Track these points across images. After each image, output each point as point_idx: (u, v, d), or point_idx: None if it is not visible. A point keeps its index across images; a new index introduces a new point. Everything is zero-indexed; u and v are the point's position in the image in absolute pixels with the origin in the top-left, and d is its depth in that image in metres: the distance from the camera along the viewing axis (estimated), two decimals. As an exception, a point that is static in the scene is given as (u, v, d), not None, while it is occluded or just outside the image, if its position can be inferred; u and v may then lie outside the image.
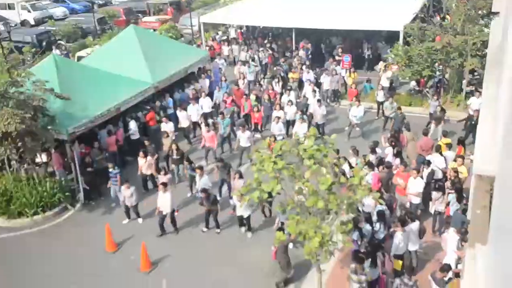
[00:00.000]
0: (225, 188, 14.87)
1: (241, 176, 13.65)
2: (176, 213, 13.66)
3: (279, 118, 17.32)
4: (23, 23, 38.95)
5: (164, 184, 13.43)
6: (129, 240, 13.68)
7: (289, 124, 18.26)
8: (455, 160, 13.56)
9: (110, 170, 14.78)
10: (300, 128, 16.12)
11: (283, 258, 11.12)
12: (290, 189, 8.59)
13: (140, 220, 14.41)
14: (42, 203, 14.78)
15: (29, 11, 39.22)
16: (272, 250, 11.61)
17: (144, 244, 12.58)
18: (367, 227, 11.41)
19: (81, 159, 15.32)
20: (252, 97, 19.71)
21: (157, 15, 37.67)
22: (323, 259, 8.53)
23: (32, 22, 38.64)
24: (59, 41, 31.63)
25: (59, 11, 41.39)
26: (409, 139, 15.38)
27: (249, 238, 13.33)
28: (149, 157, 15.35)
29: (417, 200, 12.84)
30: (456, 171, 12.92)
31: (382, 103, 19.23)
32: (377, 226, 11.46)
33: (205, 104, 19.28)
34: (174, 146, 15.90)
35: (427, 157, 13.92)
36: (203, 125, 17.34)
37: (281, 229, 10.93)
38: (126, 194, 13.90)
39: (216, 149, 16.90)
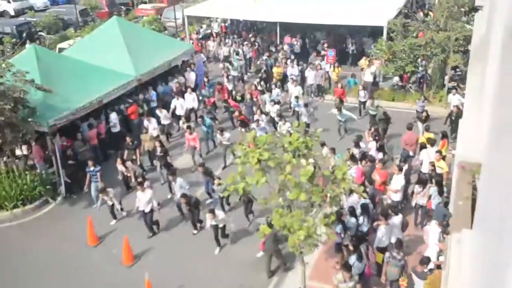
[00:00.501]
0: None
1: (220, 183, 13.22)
2: (157, 209, 13.23)
3: (258, 121, 16.64)
4: (3, 13, 38.21)
5: (141, 184, 13.15)
6: (111, 233, 13.55)
7: (274, 121, 17.83)
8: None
9: (91, 168, 14.34)
10: (283, 127, 15.92)
11: (273, 248, 11.11)
12: (275, 181, 8.59)
13: (124, 213, 14.15)
14: (22, 196, 14.56)
15: (8, 2, 38.48)
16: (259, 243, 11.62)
17: (126, 237, 12.48)
18: (352, 220, 11.47)
19: (63, 151, 15.09)
20: (238, 97, 19.72)
21: (154, 2, 37.65)
22: (307, 252, 8.56)
23: (12, 13, 37.91)
24: (39, 33, 31.12)
25: (39, 2, 40.62)
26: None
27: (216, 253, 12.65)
28: (128, 163, 14.85)
29: (397, 197, 12.85)
30: (433, 165, 13.07)
31: (364, 102, 19.16)
32: (361, 219, 11.53)
33: (190, 100, 18.96)
34: (157, 143, 15.50)
35: (423, 151, 13.96)
36: (185, 127, 16.58)
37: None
38: (107, 199, 13.64)
39: (200, 148, 16.51)
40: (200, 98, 19.88)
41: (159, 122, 17.48)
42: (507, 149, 2.78)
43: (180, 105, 18.49)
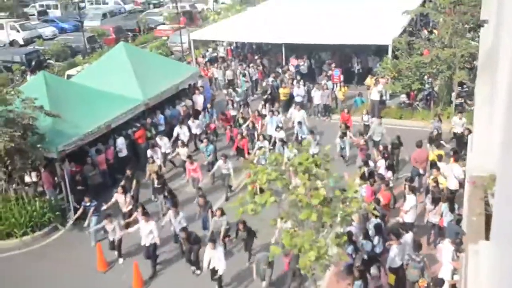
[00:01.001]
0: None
1: (223, 213, 12.70)
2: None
3: (261, 148, 16.22)
4: (12, 43, 38.92)
5: (146, 214, 12.65)
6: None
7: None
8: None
9: (87, 203, 13.72)
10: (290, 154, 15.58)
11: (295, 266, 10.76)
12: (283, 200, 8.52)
13: (120, 260, 13.34)
14: (31, 223, 14.52)
15: (18, 31, 39.21)
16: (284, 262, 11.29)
17: (136, 263, 12.37)
18: (368, 244, 11.17)
19: (72, 177, 15.12)
20: (240, 120, 19.30)
21: (171, 23, 39.84)
22: (319, 273, 8.43)
23: (21, 42, 38.61)
24: (48, 60, 31.59)
25: (48, 30, 41.45)
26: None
27: None
28: (128, 197, 14.07)
29: (409, 219, 12.50)
30: (436, 181, 12.94)
31: (367, 125, 18.35)
32: (375, 240, 11.35)
33: (193, 128, 18.69)
34: (154, 175, 14.92)
35: (446, 166, 13.75)
36: (186, 157, 15.99)
37: None
38: (109, 228, 12.99)
39: (202, 180, 15.59)
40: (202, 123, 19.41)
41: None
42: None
43: (183, 133, 17.99)
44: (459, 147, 15.54)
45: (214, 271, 11.63)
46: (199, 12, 44.57)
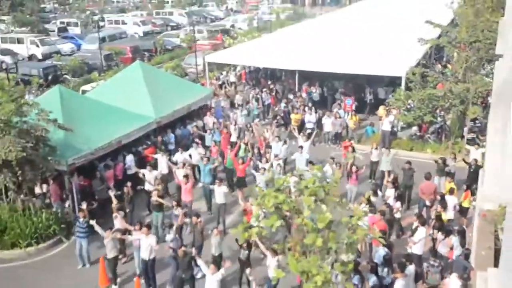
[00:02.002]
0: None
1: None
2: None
3: (265, 169, 15.69)
4: (31, 57, 39.67)
5: (147, 226, 12.53)
6: (123, 275, 13.32)
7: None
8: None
9: (80, 219, 13.42)
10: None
11: None
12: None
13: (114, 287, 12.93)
14: (36, 235, 14.51)
15: (37, 46, 40.03)
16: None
17: (138, 279, 12.27)
18: (372, 278, 10.98)
19: (81, 191, 15.17)
20: (242, 146, 18.03)
21: (210, 39, 43.26)
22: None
23: (40, 57, 39.36)
24: (64, 75, 32.12)
25: (66, 47, 42.28)
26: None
27: None
28: (120, 216, 13.64)
29: (417, 250, 12.29)
30: (438, 217, 12.87)
31: (375, 163, 17.85)
32: (384, 271, 11.16)
33: (195, 156, 17.66)
34: (155, 192, 14.57)
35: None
36: (181, 176, 15.54)
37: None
38: (111, 246, 12.61)
39: (193, 203, 15.43)
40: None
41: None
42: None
43: (184, 159, 17.28)
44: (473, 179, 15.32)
45: None
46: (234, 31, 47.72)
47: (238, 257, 12.35)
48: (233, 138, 20.07)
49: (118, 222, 13.52)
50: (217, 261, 11.92)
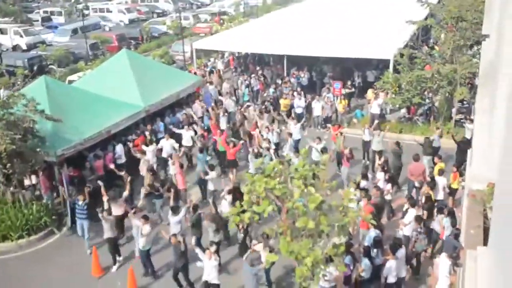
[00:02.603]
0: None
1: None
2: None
3: (257, 154, 15.84)
4: (15, 47, 39.07)
5: (146, 217, 12.62)
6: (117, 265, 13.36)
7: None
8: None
9: (80, 202, 13.69)
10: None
11: None
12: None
13: (114, 268, 13.25)
14: (27, 227, 14.46)
15: (21, 36, 39.37)
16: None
17: (131, 269, 12.30)
18: (366, 261, 11.09)
19: (71, 181, 15.08)
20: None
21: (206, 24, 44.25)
22: (316, 283, 8.36)
23: (24, 47, 38.74)
24: (50, 66, 31.71)
25: (51, 36, 41.60)
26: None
27: None
28: (116, 203, 13.83)
29: (408, 232, 12.40)
30: (427, 197, 13.04)
31: (367, 142, 17.79)
32: (374, 252, 11.29)
33: (187, 138, 18.32)
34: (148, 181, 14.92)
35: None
36: (176, 164, 15.72)
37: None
38: (106, 227, 12.85)
39: (186, 192, 15.59)
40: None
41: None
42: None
43: (170, 145, 17.52)
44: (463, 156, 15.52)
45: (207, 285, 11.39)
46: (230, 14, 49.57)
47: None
48: (223, 125, 19.96)
49: (116, 208, 13.73)
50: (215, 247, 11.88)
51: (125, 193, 14.42)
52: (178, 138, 18.30)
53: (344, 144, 16.92)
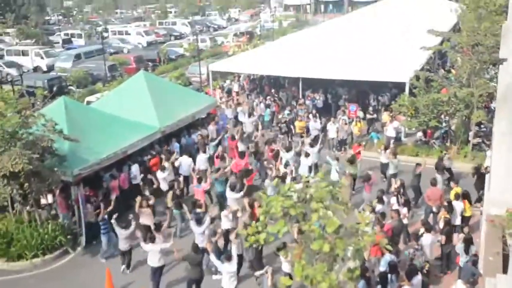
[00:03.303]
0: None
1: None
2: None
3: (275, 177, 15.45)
4: (36, 69, 39.96)
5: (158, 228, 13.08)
6: (129, 285, 13.31)
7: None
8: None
9: (106, 216, 14.11)
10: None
11: None
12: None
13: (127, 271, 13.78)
14: (42, 246, 14.53)
15: (42, 58, 40.35)
16: None
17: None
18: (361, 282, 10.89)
19: (87, 201, 15.19)
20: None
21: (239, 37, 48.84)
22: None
23: (45, 68, 39.63)
24: (69, 87, 32.30)
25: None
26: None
27: None
28: (145, 212, 14.50)
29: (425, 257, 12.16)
30: (446, 221, 12.83)
31: (385, 165, 17.76)
32: (390, 278, 11.08)
33: (202, 161, 18.22)
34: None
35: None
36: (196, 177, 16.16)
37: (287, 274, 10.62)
38: (121, 236, 13.40)
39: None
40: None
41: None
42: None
43: (188, 164, 17.78)
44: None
45: None
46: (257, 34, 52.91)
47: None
48: (241, 148, 19.65)
49: (144, 217, 14.42)
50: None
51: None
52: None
53: (360, 167, 16.83)
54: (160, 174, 16.78)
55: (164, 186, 16.69)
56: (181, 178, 17.25)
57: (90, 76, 34.18)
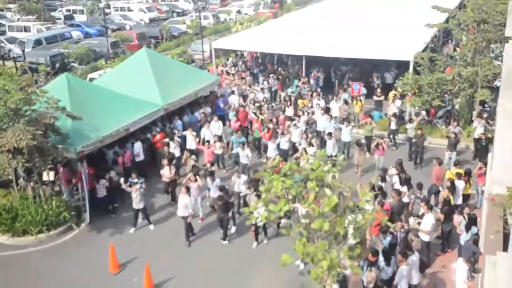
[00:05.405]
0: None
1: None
2: (199, 221, 14.92)
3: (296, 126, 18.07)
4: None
5: (187, 189, 13.90)
6: (134, 260, 13.49)
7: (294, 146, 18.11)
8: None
9: (134, 180, 14.95)
10: (309, 151, 15.99)
11: None
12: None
13: (151, 226, 14.96)
14: (47, 222, 14.69)
15: (44, 34, 39.93)
16: None
17: (148, 265, 12.40)
18: (387, 270, 10.98)
19: (91, 177, 15.31)
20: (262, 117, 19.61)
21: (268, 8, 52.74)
22: (331, 284, 8.35)
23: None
24: (72, 63, 32.17)
25: (73, 34, 42.19)
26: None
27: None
28: (172, 169, 15.97)
29: (426, 238, 12.33)
30: (448, 201, 12.94)
31: (394, 130, 19.31)
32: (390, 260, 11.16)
33: (216, 128, 19.00)
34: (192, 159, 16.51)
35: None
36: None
37: None
38: (133, 196, 14.41)
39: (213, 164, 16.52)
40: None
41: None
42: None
43: (209, 131, 18.54)
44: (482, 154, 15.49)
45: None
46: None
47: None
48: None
49: (165, 170, 15.81)
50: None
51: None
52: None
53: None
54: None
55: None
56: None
57: (93, 53, 34.00)
